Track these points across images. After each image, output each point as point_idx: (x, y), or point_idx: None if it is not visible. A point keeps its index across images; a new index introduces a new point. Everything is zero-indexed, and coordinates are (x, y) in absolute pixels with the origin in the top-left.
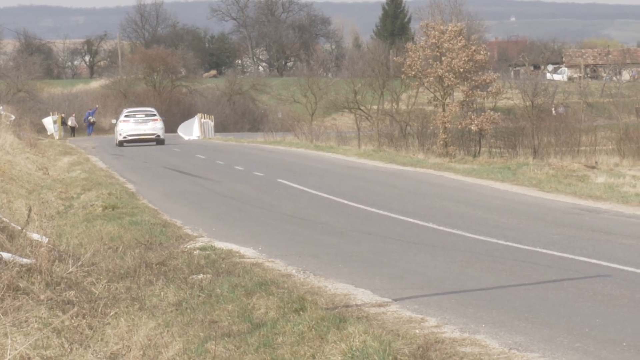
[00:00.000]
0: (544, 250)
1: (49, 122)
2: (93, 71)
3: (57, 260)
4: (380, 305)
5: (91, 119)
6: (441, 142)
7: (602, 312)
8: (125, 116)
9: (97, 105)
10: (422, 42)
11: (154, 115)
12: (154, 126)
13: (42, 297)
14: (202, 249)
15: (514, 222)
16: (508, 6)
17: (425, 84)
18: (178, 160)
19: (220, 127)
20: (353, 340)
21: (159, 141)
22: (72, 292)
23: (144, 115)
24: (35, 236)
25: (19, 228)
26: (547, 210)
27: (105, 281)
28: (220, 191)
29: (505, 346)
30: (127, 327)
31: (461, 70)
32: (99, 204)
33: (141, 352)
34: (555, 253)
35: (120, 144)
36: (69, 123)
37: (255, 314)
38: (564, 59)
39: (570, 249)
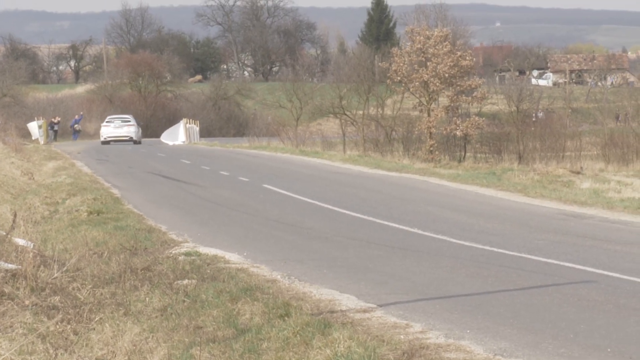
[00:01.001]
0: (529, 256)
1: (34, 126)
2: (78, 76)
3: (42, 266)
4: (365, 311)
5: (77, 127)
6: (429, 148)
7: (587, 317)
8: (107, 122)
9: (81, 112)
10: (407, 48)
11: (129, 121)
12: (128, 130)
13: (27, 302)
14: (187, 254)
15: (499, 228)
16: (493, 12)
17: (411, 89)
18: (163, 166)
19: (205, 132)
20: (338, 346)
21: (133, 141)
22: (57, 298)
23: (120, 122)
24: (21, 241)
25: (4, 233)
26: (532, 216)
27: (90, 286)
28: (205, 196)
29: (490, 352)
30: (112, 333)
31: (446, 75)
32: (84, 209)
33: (126, 358)
34: (540, 259)
35: (103, 143)
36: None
37: (240, 319)
38: (549, 64)
39: (555, 254)
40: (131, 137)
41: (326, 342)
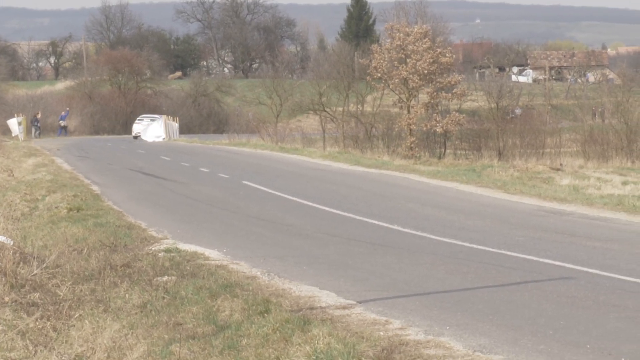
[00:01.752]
0: (509, 253)
1: (13, 123)
2: (58, 73)
3: (21, 262)
4: (344, 308)
5: (62, 122)
6: (409, 145)
7: (566, 314)
8: (138, 120)
9: (67, 108)
10: (387, 44)
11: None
12: None
13: (6, 299)
14: (167, 251)
15: (478, 224)
16: (473, 8)
17: (391, 86)
18: (143, 162)
19: (185, 129)
20: (317, 343)
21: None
22: (37, 294)
23: (149, 120)
24: (0, 238)
25: None
26: (512, 212)
27: (69, 283)
28: (185, 193)
29: (470, 348)
30: (91, 329)
31: (426, 72)
32: (63, 205)
33: (106, 354)
34: (519, 255)
35: (134, 137)
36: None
37: (220, 316)
38: (528, 61)
39: (534, 251)
40: None
41: (306, 338)
